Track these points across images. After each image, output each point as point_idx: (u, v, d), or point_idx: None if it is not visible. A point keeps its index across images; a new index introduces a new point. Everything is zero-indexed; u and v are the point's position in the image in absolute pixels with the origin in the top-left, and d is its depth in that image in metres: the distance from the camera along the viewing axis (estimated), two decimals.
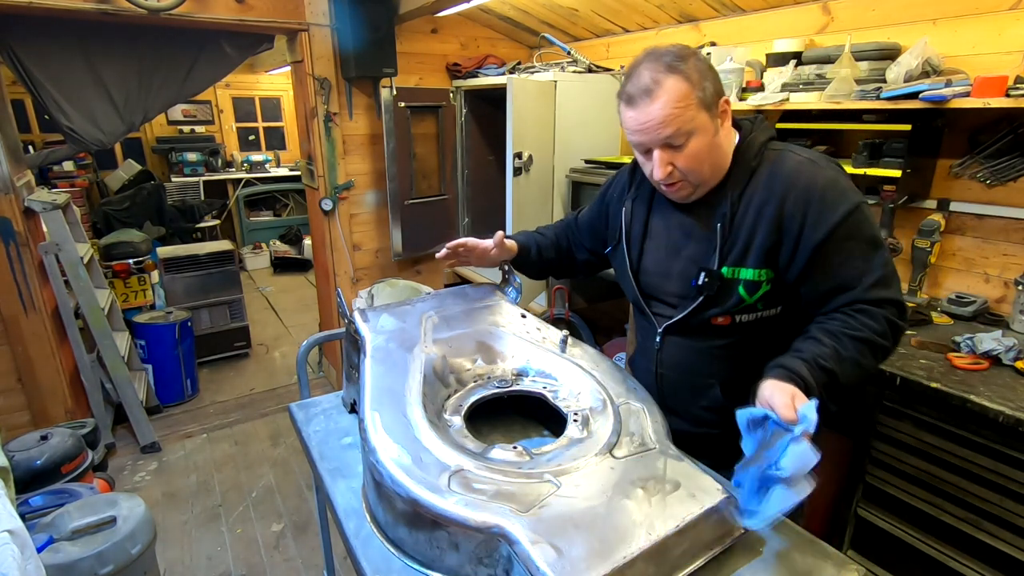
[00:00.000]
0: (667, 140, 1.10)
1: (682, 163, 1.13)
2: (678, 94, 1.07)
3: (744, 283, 1.17)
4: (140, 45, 2.91)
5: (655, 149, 1.13)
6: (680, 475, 0.90)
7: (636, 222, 1.34)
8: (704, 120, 1.10)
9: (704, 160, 1.13)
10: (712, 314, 1.21)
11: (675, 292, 1.27)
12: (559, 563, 0.73)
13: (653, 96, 1.08)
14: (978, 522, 1.55)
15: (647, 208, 1.33)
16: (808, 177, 1.12)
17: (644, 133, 1.12)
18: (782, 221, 1.12)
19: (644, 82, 1.09)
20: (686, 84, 1.08)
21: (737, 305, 1.18)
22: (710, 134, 1.12)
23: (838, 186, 1.11)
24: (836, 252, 1.10)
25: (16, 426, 2.85)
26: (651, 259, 1.31)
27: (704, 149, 1.12)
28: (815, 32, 2.35)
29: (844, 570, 0.91)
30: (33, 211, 2.81)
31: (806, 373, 1.00)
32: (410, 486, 0.86)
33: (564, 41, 3.25)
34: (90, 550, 1.69)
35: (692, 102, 1.08)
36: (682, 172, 1.14)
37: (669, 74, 1.08)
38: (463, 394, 1.19)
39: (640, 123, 1.11)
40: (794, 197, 1.11)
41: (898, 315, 1.10)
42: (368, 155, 3.47)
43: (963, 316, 1.96)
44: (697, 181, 1.16)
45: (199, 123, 7.07)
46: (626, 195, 1.38)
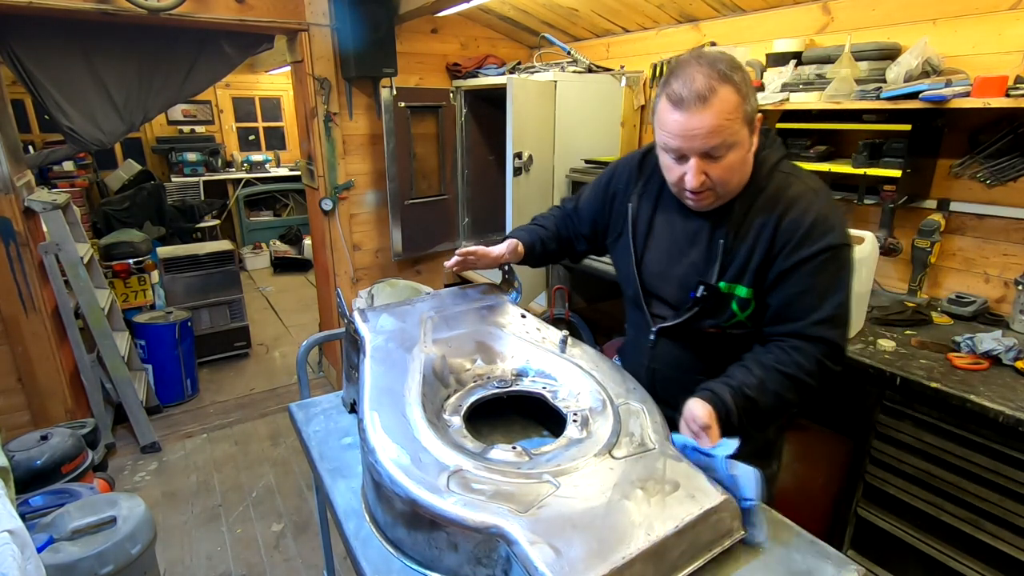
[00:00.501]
0: (709, 150, 1.09)
1: (716, 174, 1.11)
2: (731, 105, 1.06)
3: (737, 299, 1.20)
4: (140, 45, 2.91)
5: (692, 157, 1.10)
6: (679, 476, 0.90)
7: (641, 218, 1.33)
8: (744, 135, 1.10)
9: (736, 173, 1.13)
10: (705, 325, 1.24)
11: (674, 296, 1.28)
12: (557, 563, 0.73)
13: (708, 104, 1.05)
14: (978, 522, 1.55)
15: (653, 206, 1.32)
16: (805, 206, 1.14)
17: (688, 139, 1.09)
18: (773, 243, 1.15)
19: (699, 87, 1.05)
20: (737, 96, 1.06)
21: (729, 320, 1.22)
22: (746, 149, 1.12)
23: (827, 222, 1.13)
24: (798, 281, 1.14)
25: (16, 426, 2.85)
26: (653, 258, 1.31)
27: (738, 163, 1.12)
28: (815, 32, 2.35)
29: (844, 570, 0.91)
30: (33, 211, 2.81)
31: (729, 399, 1.08)
32: (409, 486, 0.86)
33: (564, 41, 3.25)
34: (90, 550, 1.69)
35: (740, 116, 1.07)
36: (713, 182, 1.12)
37: (724, 83, 1.05)
38: (463, 394, 1.19)
39: (687, 129, 1.08)
40: (788, 222, 1.14)
41: (831, 357, 1.14)
42: (368, 155, 3.47)
43: (963, 316, 1.96)
44: (724, 193, 1.16)
45: (199, 123, 7.07)
46: (632, 189, 1.36)
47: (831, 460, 2.06)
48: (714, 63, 1.07)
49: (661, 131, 1.13)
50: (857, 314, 1.85)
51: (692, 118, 1.06)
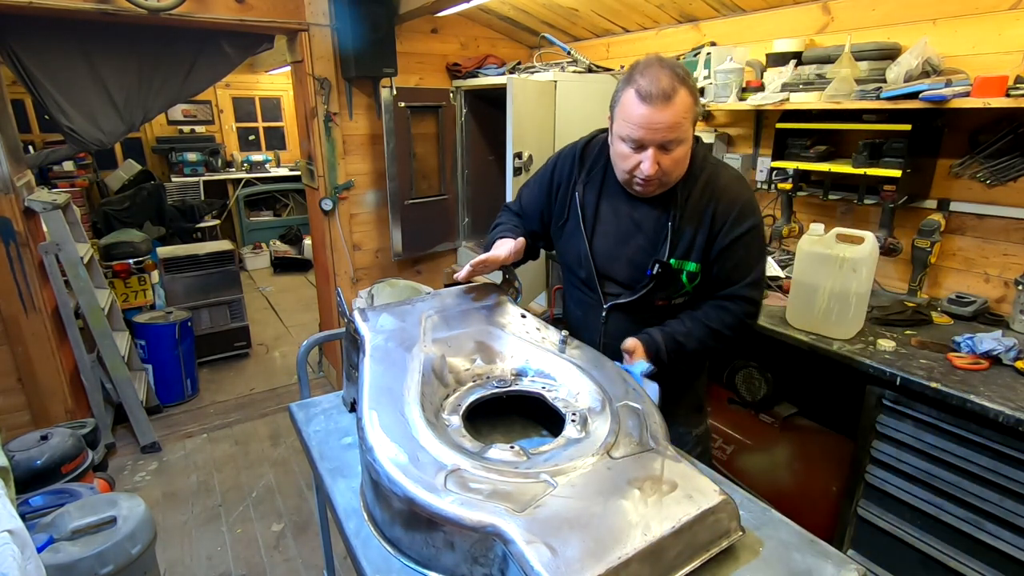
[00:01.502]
0: (666, 143, 1.26)
1: (666, 164, 1.29)
2: (688, 105, 1.25)
3: (687, 273, 1.40)
4: (140, 45, 2.91)
5: (651, 147, 1.26)
6: (677, 476, 0.90)
7: (588, 205, 1.48)
8: (691, 133, 1.31)
9: (681, 164, 1.32)
10: (656, 297, 1.44)
11: (625, 275, 1.46)
12: (553, 563, 0.73)
13: (671, 101, 1.22)
14: (978, 522, 1.55)
15: (598, 193, 1.47)
16: (735, 193, 1.38)
17: (651, 131, 1.24)
18: (713, 223, 1.36)
19: (664, 86, 1.21)
20: (692, 99, 1.26)
21: (679, 291, 1.43)
22: (690, 144, 1.32)
23: (751, 205, 1.39)
24: (734, 255, 1.37)
25: (16, 426, 2.85)
26: (601, 242, 1.47)
27: (684, 156, 1.31)
28: (815, 32, 2.35)
29: (844, 570, 0.91)
30: (33, 211, 2.81)
31: (659, 339, 1.37)
32: (406, 485, 0.86)
33: (564, 41, 3.25)
34: (90, 550, 1.69)
35: (692, 115, 1.27)
36: (663, 171, 1.30)
37: (683, 86, 1.24)
38: (462, 394, 1.19)
39: (652, 122, 1.23)
40: (723, 206, 1.36)
41: (750, 314, 1.42)
42: (368, 155, 3.47)
43: (963, 316, 1.96)
44: (667, 181, 1.34)
45: (199, 123, 7.07)
46: (576, 177, 1.50)
47: (831, 460, 2.06)
48: (674, 66, 1.25)
49: (626, 122, 1.28)
50: (857, 314, 1.85)
51: (656, 112, 1.23)
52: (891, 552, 1.77)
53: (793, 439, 2.21)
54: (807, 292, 1.90)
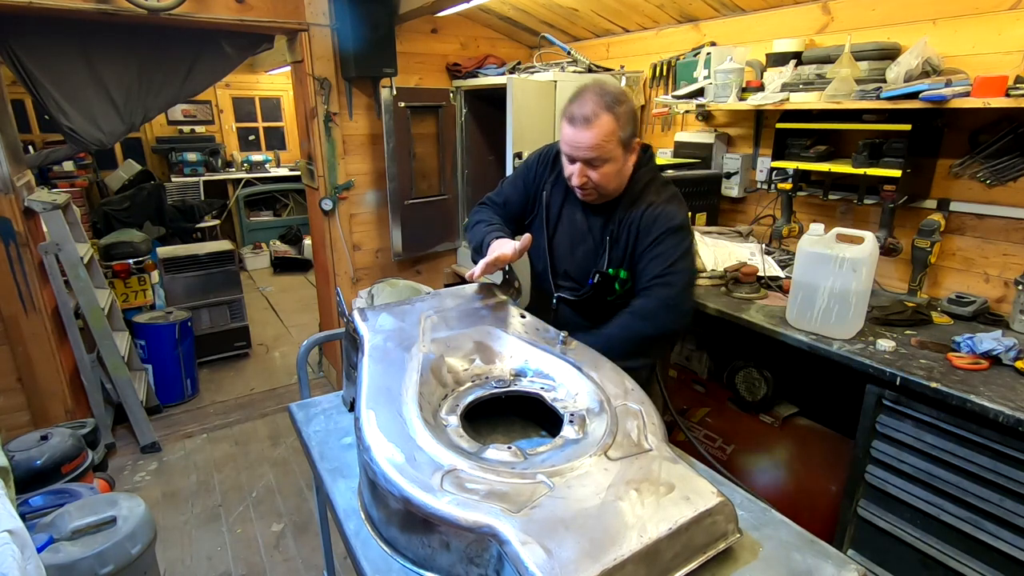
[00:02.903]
0: (589, 160, 1.46)
1: (595, 178, 1.50)
2: (608, 130, 1.43)
3: (619, 280, 1.59)
4: (140, 45, 2.91)
5: (578, 162, 1.49)
6: (675, 478, 0.89)
7: (553, 205, 1.68)
8: (619, 153, 1.48)
9: (611, 180, 1.51)
10: (597, 298, 1.64)
11: (575, 272, 1.66)
12: (548, 564, 0.72)
13: (590, 125, 1.43)
14: (978, 522, 1.55)
15: (562, 198, 1.67)
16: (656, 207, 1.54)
17: (575, 149, 1.47)
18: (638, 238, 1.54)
19: (586, 111, 1.43)
20: (615, 124, 1.43)
21: (612, 294, 1.62)
22: (620, 163, 1.50)
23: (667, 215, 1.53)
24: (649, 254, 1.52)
25: (16, 426, 2.86)
26: (561, 241, 1.67)
27: (612, 173, 1.50)
28: (815, 32, 2.35)
29: (844, 570, 0.91)
30: (33, 211, 2.81)
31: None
32: (403, 485, 0.86)
33: (564, 41, 3.25)
34: (90, 550, 1.69)
35: (615, 139, 1.45)
36: (593, 184, 1.51)
37: (607, 112, 1.42)
38: (460, 394, 1.19)
39: (575, 141, 1.46)
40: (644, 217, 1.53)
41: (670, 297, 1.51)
42: (368, 155, 3.47)
43: (963, 316, 1.96)
44: (603, 192, 1.54)
45: (199, 123, 7.08)
46: (546, 178, 1.70)
47: (831, 460, 2.06)
48: (603, 95, 1.43)
49: (561, 140, 1.52)
50: (857, 314, 1.85)
51: (579, 134, 1.44)
52: (891, 552, 1.77)
53: (793, 439, 2.21)
54: (807, 292, 1.89)
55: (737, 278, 2.25)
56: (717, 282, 2.33)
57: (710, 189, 2.75)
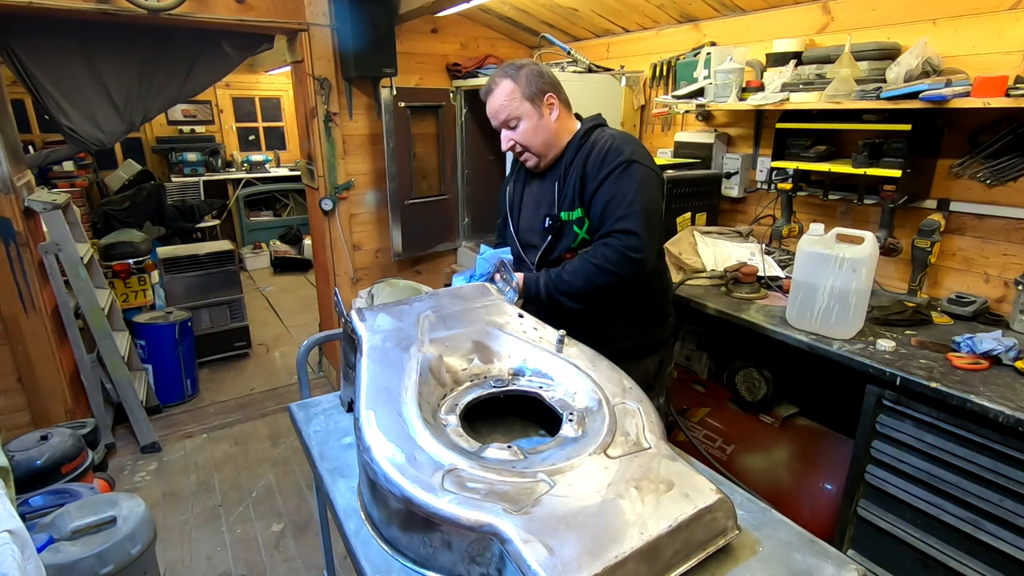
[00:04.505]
0: (504, 122, 1.62)
1: (518, 138, 1.62)
2: (506, 90, 1.58)
3: (575, 221, 1.62)
4: (140, 45, 2.91)
5: (501, 128, 1.63)
6: (674, 475, 0.90)
7: (515, 195, 1.81)
8: (527, 109, 1.59)
9: (533, 137, 1.61)
10: (561, 249, 1.66)
11: (537, 239, 1.71)
12: (550, 562, 0.73)
13: (492, 93, 1.61)
14: (978, 522, 1.55)
15: (522, 186, 1.80)
16: (604, 143, 1.58)
17: (492, 118, 1.64)
18: (584, 173, 1.57)
19: (489, 83, 1.62)
20: (513, 84, 1.58)
21: (575, 240, 1.63)
22: (535, 119, 1.60)
23: (619, 149, 1.54)
24: (604, 193, 1.53)
25: (16, 426, 2.85)
26: (524, 219, 1.78)
27: (530, 130, 1.60)
28: (815, 32, 2.35)
29: (844, 570, 0.91)
30: (33, 211, 2.81)
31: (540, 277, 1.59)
32: (404, 484, 0.86)
33: (564, 41, 3.25)
34: (90, 550, 1.69)
35: (517, 96, 1.58)
36: (521, 146, 1.63)
37: (503, 77, 1.59)
38: (459, 393, 1.19)
39: (489, 110, 1.63)
40: (592, 154, 1.57)
41: (632, 247, 1.48)
42: (368, 155, 3.47)
43: (963, 316, 1.96)
44: (536, 153, 1.64)
45: (199, 123, 7.08)
46: (510, 180, 1.85)
47: (831, 460, 2.06)
48: (506, 66, 1.61)
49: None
50: (857, 314, 1.85)
51: (488, 104, 1.63)
52: (891, 552, 1.77)
53: (793, 439, 2.21)
54: (807, 292, 1.90)
55: (737, 278, 2.25)
56: (717, 282, 2.33)
57: (710, 189, 2.75)
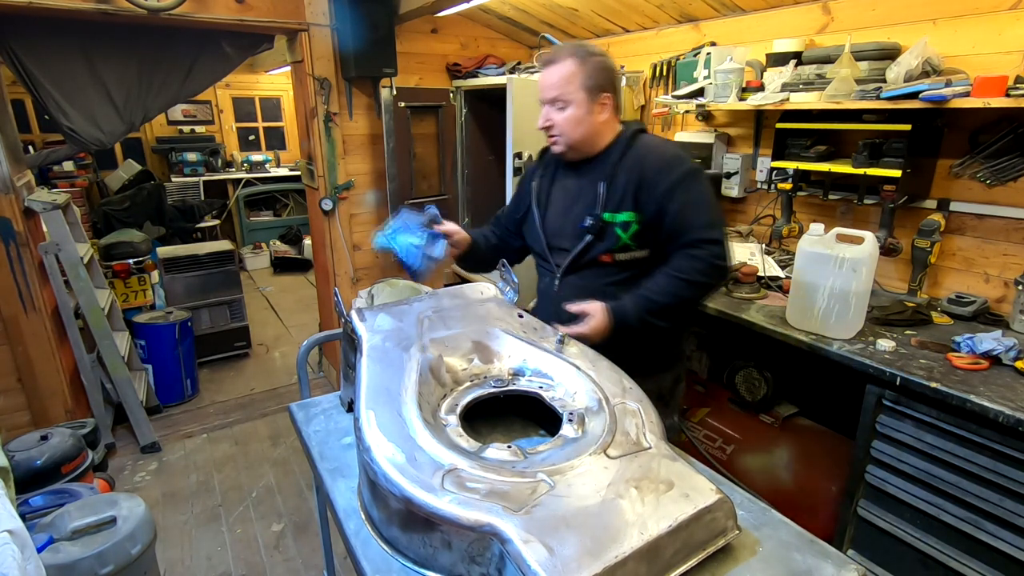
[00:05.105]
0: (551, 100, 1.53)
1: (558, 120, 1.54)
2: (568, 71, 1.50)
3: (620, 224, 1.52)
4: (140, 45, 2.91)
5: (544, 104, 1.55)
6: (674, 475, 0.90)
7: (542, 192, 1.71)
8: (581, 98, 1.51)
9: (574, 127, 1.53)
10: (598, 251, 1.56)
11: (569, 238, 1.61)
12: (551, 562, 0.73)
13: (553, 64, 1.52)
14: (978, 522, 1.55)
15: (551, 181, 1.70)
16: (660, 150, 1.55)
17: (541, 89, 1.56)
18: (643, 177, 1.50)
19: (554, 54, 1.53)
20: (578, 68, 1.50)
21: (616, 243, 1.54)
22: (582, 111, 1.52)
23: (679, 157, 1.53)
24: (676, 201, 1.47)
25: (16, 426, 2.85)
26: (553, 217, 1.68)
27: (575, 119, 1.52)
28: (815, 32, 2.35)
29: (844, 570, 0.91)
30: (33, 211, 2.81)
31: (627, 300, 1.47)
32: (404, 484, 0.86)
33: (564, 41, 3.25)
34: (90, 550, 1.69)
35: (576, 83, 1.50)
36: (558, 128, 1.55)
37: (570, 57, 1.50)
38: (459, 393, 1.19)
39: (541, 81, 1.56)
40: (651, 160, 1.52)
41: (719, 256, 1.47)
42: (368, 155, 3.47)
43: (963, 316, 1.96)
44: (568, 141, 1.56)
45: (199, 123, 7.08)
46: (535, 174, 1.75)
47: (831, 460, 2.06)
48: (577, 46, 1.53)
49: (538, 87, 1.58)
50: (857, 314, 1.85)
51: (544, 73, 1.55)
52: (891, 552, 1.77)
53: (793, 439, 2.21)
54: (807, 292, 1.90)
55: (737, 278, 2.25)
56: None
57: None
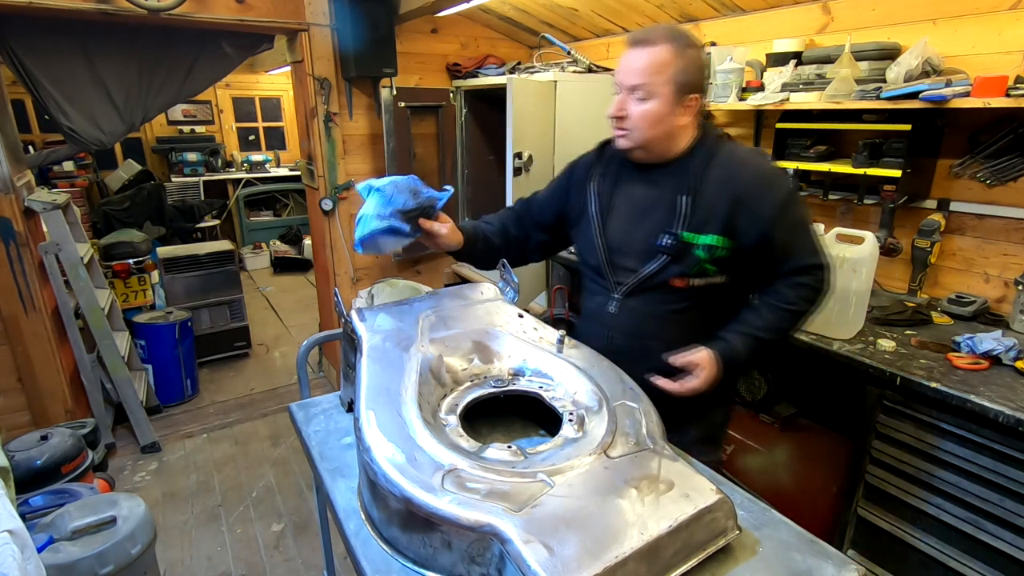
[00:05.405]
0: (631, 87, 1.30)
1: (633, 113, 1.31)
2: (661, 59, 1.26)
3: (704, 247, 1.33)
4: (140, 45, 2.91)
5: (622, 90, 1.32)
6: (674, 475, 0.90)
7: (603, 195, 1.47)
8: (667, 92, 1.28)
9: (651, 123, 1.31)
10: (671, 274, 1.36)
11: (637, 256, 1.40)
12: (551, 562, 0.73)
13: (645, 46, 1.27)
14: (978, 522, 1.55)
15: (613, 185, 1.46)
16: (756, 164, 1.36)
17: (623, 73, 1.31)
18: (739, 196, 1.30)
19: (647, 34, 1.28)
20: (672, 57, 1.26)
21: (694, 267, 1.34)
22: (667, 108, 1.29)
23: (778, 174, 1.37)
24: (782, 225, 1.31)
25: (16, 426, 2.85)
26: (615, 227, 1.44)
27: (653, 116, 1.30)
28: (815, 32, 2.35)
29: (844, 570, 0.91)
30: (33, 211, 2.81)
31: (740, 345, 1.31)
32: (404, 485, 0.86)
33: (564, 41, 3.25)
34: (90, 550, 1.69)
35: (667, 74, 1.27)
36: (630, 121, 1.32)
37: (667, 43, 1.26)
38: (459, 393, 1.18)
39: (625, 63, 1.31)
40: (748, 177, 1.32)
41: (825, 280, 1.35)
42: (368, 155, 3.47)
43: (963, 316, 1.96)
44: (640, 139, 1.33)
45: (199, 123, 7.08)
46: (592, 173, 1.50)
47: (831, 460, 2.06)
48: (675, 30, 1.29)
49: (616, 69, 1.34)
50: (857, 314, 1.85)
51: (631, 54, 1.30)
52: (891, 552, 1.77)
53: (793, 439, 2.21)
54: None
55: None
56: None
57: None
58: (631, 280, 1.40)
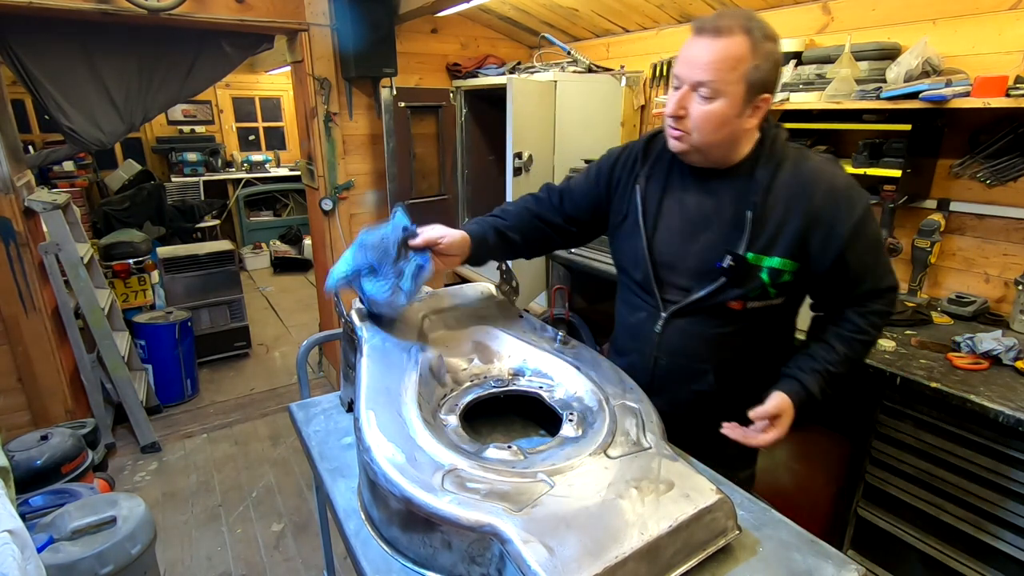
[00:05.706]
0: (698, 83, 1.10)
1: (695, 114, 1.12)
2: (736, 52, 1.07)
3: (768, 270, 1.18)
4: (140, 45, 2.91)
5: (685, 85, 1.12)
6: (674, 475, 0.90)
7: (650, 200, 1.30)
8: (737, 93, 1.09)
9: (715, 127, 1.12)
10: (729, 297, 1.21)
11: (689, 275, 1.25)
12: (551, 562, 0.73)
13: (719, 35, 1.07)
14: (978, 522, 1.55)
15: (662, 188, 1.29)
16: (831, 176, 1.17)
17: (687, 65, 1.11)
18: (813, 214, 1.14)
19: (722, 22, 1.07)
20: (747, 51, 1.07)
21: (756, 290, 1.20)
22: (735, 109, 1.11)
23: (853, 186, 1.18)
24: (862, 247, 1.17)
25: (16, 426, 2.85)
26: (664, 240, 1.28)
27: (720, 116, 1.11)
28: (815, 32, 2.35)
29: (844, 570, 0.91)
30: (33, 211, 2.81)
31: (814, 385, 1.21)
32: (404, 485, 0.86)
33: (564, 41, 3.25)
34: (90, 550, 1.69)
35: (740, 71, 1.07)
36: (693, 123, 1.13)
37: (743, 34, 1.07)
38: (459, 393, 1.19)
39: (691, 54, 1.10)
40: (823, 194, 1.14)
41: (894, 302, 1.25)
42: (368, 155, 3.47)
43: (963, 316, 1.96)
44: (699, 142, 1.15)
45: (199, 123, 7.08)
46: (638, 171, 1.32)
47: (831, 460, 2.06)
48: (752, 19, 1.08)
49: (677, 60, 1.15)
50: None
51: (698, 44, 1.09)
52: (891, 552, 1.77)
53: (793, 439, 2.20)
54: None
55: None
56: None
57: None
58: (682, 300, 1.26)
